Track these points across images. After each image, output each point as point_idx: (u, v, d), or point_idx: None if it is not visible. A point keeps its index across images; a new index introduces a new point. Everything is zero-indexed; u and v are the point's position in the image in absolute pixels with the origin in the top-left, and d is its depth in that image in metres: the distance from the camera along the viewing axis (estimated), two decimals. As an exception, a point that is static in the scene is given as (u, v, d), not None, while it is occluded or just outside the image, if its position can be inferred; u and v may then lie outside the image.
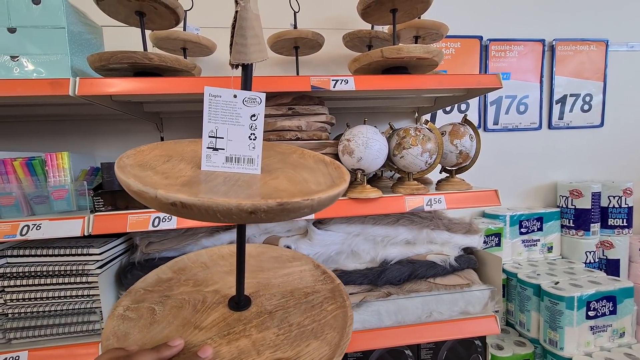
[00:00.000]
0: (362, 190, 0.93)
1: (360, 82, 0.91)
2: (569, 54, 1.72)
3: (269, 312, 0.43)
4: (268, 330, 0.40)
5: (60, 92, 0.81)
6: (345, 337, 0.41)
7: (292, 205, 0.30)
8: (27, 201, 0.88)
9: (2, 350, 0.86)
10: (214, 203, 0.28)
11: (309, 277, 0.51)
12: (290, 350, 0.38)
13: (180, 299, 0.45)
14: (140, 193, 0.30)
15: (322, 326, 0.42)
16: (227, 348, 0.38)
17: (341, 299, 0.47)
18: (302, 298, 0.47)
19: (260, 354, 0.37)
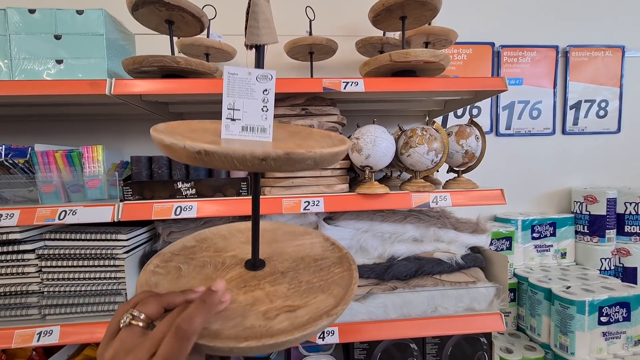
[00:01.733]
0: (370, 186, 0.98)
1: (370, 84, 0.96)
2: (583, 60, 1.72)
3: (281, 272, 0.48)
4: (280, 285, 0.45)
5: (98, 91, 0.90)
6: (349, 292, 0.44)
7: (297, 155, 0.35)
8: (65, 189, 0.97)
9: (38, 325, 0.95)
10: (232, 150, 0.34)
11: (319, 247, 0.56)
12: (299, 300, 0.42)
13: (203, 260, 0.51)
14: (171, 145, 0.35)
15: (329, 284, 0.46)
16: (244, 297, 0.43)
17: (348, 264, 0.51)
18: (312, 262, 0.51)
19: (272, 302, 0.42)
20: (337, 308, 0.41)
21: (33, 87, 0.90)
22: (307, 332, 0.38)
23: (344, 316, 1.01)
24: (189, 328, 0.34)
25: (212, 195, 0.99)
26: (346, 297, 0.44)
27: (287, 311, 0.40)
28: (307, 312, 0.40)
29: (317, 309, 0.41)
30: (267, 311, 0.41)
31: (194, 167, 1.00)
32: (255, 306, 0.41)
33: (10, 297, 0.97)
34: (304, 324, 0.39)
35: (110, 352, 0.34)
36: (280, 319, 0.39)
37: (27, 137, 1.35)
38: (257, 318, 0.40)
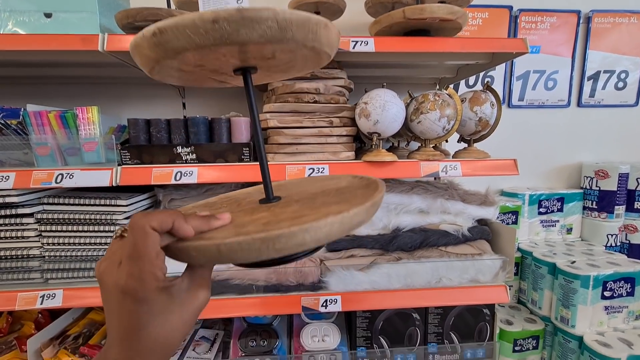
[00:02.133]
0: (377, 154, 0.94)
1: (380, 43, 0.90)
2: (606, 26, 1.62)
3: (296, 200, 0.43)
4: (290, 207, 0.39)
5: (90, 47, 0.85)
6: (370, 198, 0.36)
7: (251, 13, 0.31)
8: (60, 152, 0.94)
9: (41, 288, 0.95)
10: (181, 19, 0.30)
11: (345, 182, 0.48)
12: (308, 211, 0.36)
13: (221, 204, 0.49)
14: (135, 42, 0.34)
15: (347, 199, 0.38)
16: (248, 217, 0.39)
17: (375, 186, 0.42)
18: (333, 190, 0.44)
19: (277, 217, 0.36)
20: (352, 209, 0.34)
21: (21, 41, 0.84)
22: (307, 226, 0.31)
23: (347, 285, 1.00)
24: (141, 220, 0.31)
25: (214, 161, 0.96)
26: (363, 203, 0.35)
27: (291, 219, 0.34)
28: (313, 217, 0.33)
29: (325, 214, 0.33)
30: (269, 222, 0.35)
31: (194, 132, 0.96)
32: (257, 221, 0.37)
33: (11, 260, 0.96)
34: (306, 222, 0.32)
35: (100, 260, 0.33)
36: (281, 224, 0.33)
37: (21, 100, 1.30)
38: (255, 226, 0.34)
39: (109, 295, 0.31)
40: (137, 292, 0.30)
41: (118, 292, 0.30)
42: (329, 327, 1.12)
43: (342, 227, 0.33)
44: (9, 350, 1.03)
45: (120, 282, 0.30)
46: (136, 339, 0.31)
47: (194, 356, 1.07)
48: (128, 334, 0.31)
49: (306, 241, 0.32)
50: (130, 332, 0.31)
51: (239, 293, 0.98)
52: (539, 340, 1.36)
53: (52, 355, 1.01)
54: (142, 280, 0.30)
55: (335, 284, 1.00)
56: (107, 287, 0.31)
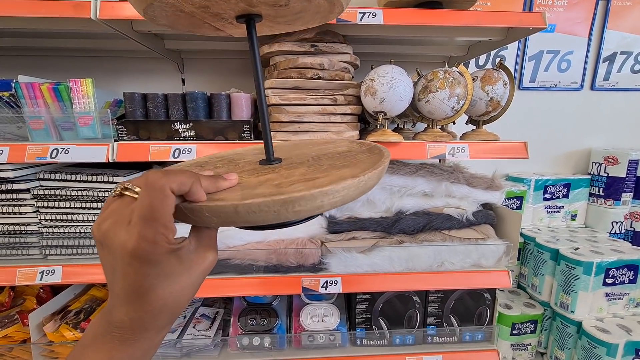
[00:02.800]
0: (382, 134, 0.91)
1: (390, 15, 0.84)
2: (627, 4, 1.54)
3: (299, 162, 0.42)
4: (297, 169, 0.39)
5: (82, 14, 0.80)
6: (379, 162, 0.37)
7: None
8: (55, 126, 0.91)
9: (40, 264, 0.94)
10: None
11: (344, 147, 0.48)
12: (319, 174, 0.36)
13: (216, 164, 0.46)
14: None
15: (354, 163, 0.39)
16: (255, 179, 0.37)
17: (377, 150, 0.42)
18: (335, 154, 0.44)
19: (287, 178, 0.36)
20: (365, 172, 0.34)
21: (9, 6, 0.79)
22: (328, 189, 0.31)
23: (347, 267, 0.99)
24: (160, 180, 0.29)
25: (213, 139, 0.93)
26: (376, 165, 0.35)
27: (304, 181, 0.34)
28: (328, 180, 0.33)
29: (339, 177, 0.33)
30: (281, 183, 0.34)
31: (192, 108, 0.92)
32: (267, 183, 0.36)
33: (9, 236, 0.95)
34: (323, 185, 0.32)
35: (99, 220, 0.31)
36: (295, 186, 0.33)
37: (11, 72, 1.25)
38: (268, 188, 0.34)
39: (114, 257, 0.29)
40: (149, 254, 0.29)
41: (126, 254, 0.29)
42: (328, 308, 1.12)
43: (357, 191, 0.33)
44: (12, 324, 1.04)
45: (129, 244, 0.28)
46: (146, 301, 0.30)
47: (195, 333, 1.08)
48: (137, 296, 0.30)
49: (324, 204, 0.32)
50: (139, 294, 0.30)
51: (238, 273, 0.98)
52: (537, 324, 1.36)
53: (54, 330, 1.02)
54: (155, 243, 0.29)
55: (335, 265, 0.99)
56: (112, 248, 0.29)
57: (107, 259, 0.30)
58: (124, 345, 0.30)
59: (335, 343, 1.07)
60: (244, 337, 1.05)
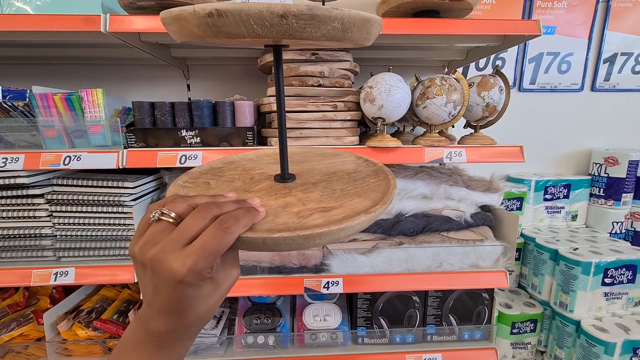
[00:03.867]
0: (381, 139, 0.93)
1: (387, 25, 0.87)
2: (627, 5, 1.54)
3: (312, 182, 0.46)
4: (312, 193, 0.43)
5: (92, 27, 0.84)
6: (387, 195, 0.41)
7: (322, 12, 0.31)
8: (68, 135, 0.95)
9: (54, 266, 0.98)
10: (247, 7, 0.30)
11: (352, 164, 0.53)
12: (334, 203, 0.40)
13: (231, 176, 0.49)
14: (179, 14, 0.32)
15: (365, 190, 0.43)
16: (275, 201, 0.41)
17: (384, 175, 0.47)
18: (345, 175, 0.48)
19: (305, 204, 0.40)
20: (375, 207, 0.38)
21: (23, 21, 0.84)
22: (344, 226, 0.35)
23: (348, 268, 1.02)
24: (233, 224, 0.34)
25: (218, 145, 0.96)
26: (384, 199, 0.40)
27: (321, 211, 0.38)
28: (343, 211, 0.38)
29: (353, 209, 0.38)
30: (300, 212, 0.38)
31: (198, 115, 0.96)
32: (287, 208, 0.39)
33: (25, 239, 1.00)
34: (339, 220, 0.36)
35: (140, 244, 0.34)
36: (314, 217, 0.37)
37: (26, 80, 1.30)
38: (290, 216, 0.37)
39: (159, 278, 0.33)
40: (195, 281, 0.33)
41: (173, 279, 0.32)
42: (330, 308, 1.15)
43: (369, 223, 0.38)
44: (27, 323, 1.08)
45: (181, 272, 0.32)
46: (183, 316, 0.34)
47: (201, 332, 1.12)
48: (176, 312, 0.34)
49: (340, 237, 0.36)
50: (178, 311, 0.34)
51: (243, 274, 1.01)
52: (537, 323, 1.39)
53: (67, 328, 1.07)
54: (202, 273, 0.33)
55: (337, 266, 1.02)
56: (159, 272, 0.32)
57: (148, 279, 0.34)
58: (162, 351, 0.35)
59: (337, 341, 1.10)
60: (249, 335, 1.09)
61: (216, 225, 0.33)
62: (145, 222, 0.36)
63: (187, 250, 0.32)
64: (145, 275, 0.34)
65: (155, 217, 0.35)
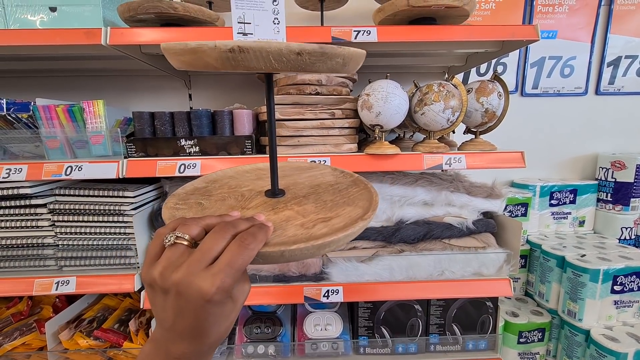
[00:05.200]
0: (379, 146, 0.93)
1: (384, 33, 0.88)
2: (630, 8, 1.53)
3: (303, 195, 0.50)
4: (307, 205, 0.47)
5: (93, 41, 0.86)
6: (373, 202, 0.46)
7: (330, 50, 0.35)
8: (69, 145, 0.96)
9: (56, 275, 0.99)
10: (267, 44, 0.32)
11: (330, 176, 0.57)
12: (330, 213, 0.44)
13: (222, 195, 0.51)
14: (198, 47, 0.33)
15: (352, 199, 0.48)
16: (276, 216, 0.44)
17: (363, 184, 0.52)
18: (329, 187, 0.52)
19: (305, 217, 0.43)
20: (368, 213, 0.43)
21: (26, 36, 0.86)
22: (348, 233, 0.40)
23: (349, 276, 1.01)
24: (253, 241, 0.35)
25: (216, 154, 0.97)
26: (372, 205, 0.45)
27: (322, 221, 0.42)
28: (341, 220, 0.42)
29: (349, 217, 0.43)
30: (304, 223, 0.42)
31: (197, 125, 0.97)
32: (290, 221, 0.43)
33: (27, 248, 1.01)
34: (342, 227, 0.40)
35: (159, 268, 0.34)
36: (318, 227, 0.41)
37: (30, 92, 1.34)
38: (296, 229, 0.41)
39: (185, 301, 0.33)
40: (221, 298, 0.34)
41: (201, 299, 0.32)
42: (331, 316, 1.14)
43: (364, 228, 0.43)
44: (29, 332, 1.09)
45: (210, 290, 0.32)
46: (206, 336, 0.35)
47: (201, 341, 1.11)
48: (200, 333, 0.34)
49: (345, 243, 0.41)
50: (202, 331, 0.34)
51: (242, 282, 1.01)
52: (545, 332, 1.35)
53: (69, 338, 1.07)
54: (228, 290, 0.34)
55: (337, 275, 1.01)
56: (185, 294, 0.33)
57: (170, 303, 0.34)
58: None
59: (338, 351, 1.09)
60: (249, 345, 1.08)
61: (237, 243, 0.35)
62: (157, 245, 0.36)
63: (212, 270, 0.33)
64: (166, 300, 0.34)
65: (170, 241, 0.35)
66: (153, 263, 0.35)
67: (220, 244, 0.35)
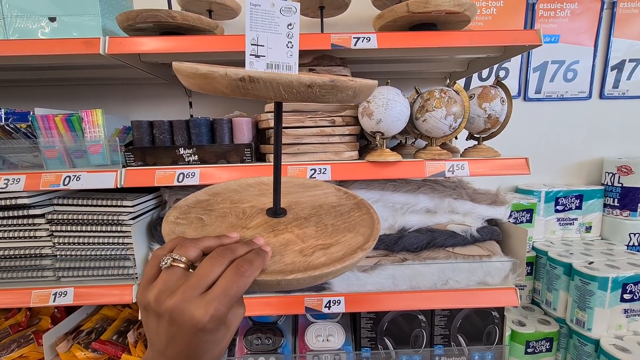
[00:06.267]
0: (380, 154, 0.91)
1: (383, 39, 0.87)
2: (632, 12, 1.51)
3: (304, 217, 0.49)
4: (307, 228, 0.46)
5: (92, 50, 0.85)
6: (375, 230, 0.46)
7: (340, 83, 0.35)
8: (68, 155, 0.96)
9: (53, 286, 0.98)
10: (278, 76, 0.32)
11: (333, 196, 0.56)
12: (330, 240, 0.44)
13: (223, 211, 0.50)
14: (209, 74, 0.33)
15: (354, 225, 0.47)
16: (275, 239, 0.43)
17: (366, 209, 0.52)
18: (331, 209, 0.52)
19: (304, 242, 0.43)
20: (368, 243, 0.43)
21: (26, 46, 0.86)
22: (347, 264, 0.39)
23: (350, 286, 0.99)
24: (249, 268, 0.35)
25: (215, 162, 0.96)
26: (373, 234, 0.45)
27: (321, 249, 0.42)
28: (340, 248, 0.42)
29: (349, 246, 0.42)
30: (303, 249, 0.41)
31: (196, 133, 0.96)
32: (289, 246, 0.42)
33: (25, 259, 1.00)
34: (341, 257, 0.40)
35: (154, 292, 0.33)
36: (317, 255, 0.40)
37: (30, 102, 1.34)
38: (295, 255, 0.40)
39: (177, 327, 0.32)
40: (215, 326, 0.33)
41: (194, 327, 0.32)
42: (333, 327, 1.12)
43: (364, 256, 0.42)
44: (27, 344, 1.08)
45: (203, 319, 0.32)
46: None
47: (201, 353, 1.09)
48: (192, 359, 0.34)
49: (342, 273, 0.40)
50: (195, 358, 0.34)
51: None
52: (553, 342, 1.32)
53: (66, 350, 1.05)
54: (222, 318, 0.33)
55: (338, 284, 0.99)
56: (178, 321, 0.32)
57: (164, 328, 0.33)
58: None
59: (340, 363, 1.06)
60: (250, 357, 1.06)
61: (233, 270, 0.34)
62: (154, 267, 0.36)
63: (207, 297, 0.32)
64: (159, 325, 0.34)
65: (167, 263, 0.35)
66: (149, 285, 0.34)
67: (217, 270, 0.34)
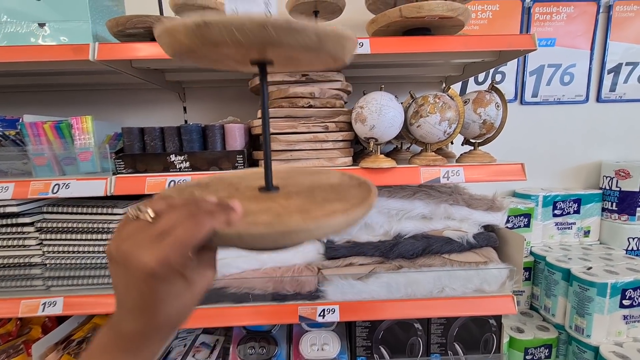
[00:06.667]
0: (374, 160, 0.90)
1: (377, 44, 0.86)
2: (629, 15, 1.51)
3: (295, 192, 0.46)
4: (294, 200, 0.43)
5: (81, 56, 0.84)
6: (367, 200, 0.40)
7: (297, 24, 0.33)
8: (57, 162, 0.94)
9: (42, 295, 0.96)
10: (231, 18, 0.32)
11: (336, 179, 0.53)
12: (314, 207, 0.40)
13: (216, 189, 0.49)
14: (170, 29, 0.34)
15: (347, 198, 0.43)
16: (256, 206, 0.41)
17: (367, 187, 0.47)
18: (328, 187, 0.48)
19: (286, 208, 0.40)
20: (353, 209, 0.38)
21: (14, 53, 0.85)
22: (321, 224, 0.35)
23: (345, 294, 0.97)
24: (207, 218, 0.33)
25: (207, 169, 0.94)
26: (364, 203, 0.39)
27: (301, 212, 0.38)
28: (322, 212, 0.38)
29: (331, 210, 0.38)
30: (281, 213, 0.38)
31: (188, 140, 0.94)
32: (267, 211, 0.39)
33: (14, 268, 0.98)
34: (318, 218, 0.36)
35: (116, 241, 0.33)
36: (294, 217, 0.37)
37: (19, 108, 1.32)
38: (269, 216, 0.37)
39: (131, 274, 0.32)
40: (165, 274, 0.32)
41: (143, 273, 0.31)
42: (328, 336, 1.10)
43: (347, 224, 0.38)
44: (17, 354, 1.06)
45: (151, 264, 0.31)
46: (153, 315, 0.33)
47: (194, 363, 1.08)
48: (147, 310, 0.33)
49: (317, 235, 0.36)
50: (149, 309, 0.33)
51: (235, 302, 0.97)
52: (552, 349, 1.30)
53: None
54: (172, 265, 0.32)
55: (333, 293, 0.98)
56: (130, 267, 0.31)
57: (121, 277, 0.33)
58: (128, 354, 0.34)
59: (335, 373, 1.04)
60: (243, 367, 1.04)
61: (189, 219, 0.33)
62: (124, 222, 0.35)
63: (159, 243, 0.31)
64: (117, 273, 0.33)
65: (133, 215, 0.34)
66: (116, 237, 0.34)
67: (175, 219, 0.33)
